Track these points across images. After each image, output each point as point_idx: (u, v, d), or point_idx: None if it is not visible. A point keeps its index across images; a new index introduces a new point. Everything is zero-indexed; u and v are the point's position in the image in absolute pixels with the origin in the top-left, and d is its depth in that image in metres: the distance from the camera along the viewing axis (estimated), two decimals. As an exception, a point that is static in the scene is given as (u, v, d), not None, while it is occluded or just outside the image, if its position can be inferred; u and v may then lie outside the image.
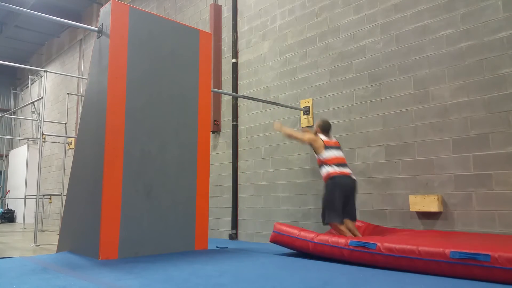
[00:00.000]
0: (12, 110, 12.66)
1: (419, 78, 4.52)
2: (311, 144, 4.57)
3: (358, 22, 5.17)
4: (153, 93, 4.41)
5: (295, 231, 4.09)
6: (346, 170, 4.37)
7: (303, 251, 3.98)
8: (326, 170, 4.35)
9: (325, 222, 4.32)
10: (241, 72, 6.80)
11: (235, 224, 6.42)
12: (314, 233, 4.00)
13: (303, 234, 4.00)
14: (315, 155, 4.59)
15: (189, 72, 4.78)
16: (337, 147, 4.60)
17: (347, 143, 5.11)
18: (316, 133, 4.66)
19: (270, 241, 4.35)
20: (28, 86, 14.22)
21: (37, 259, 3.82)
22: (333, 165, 4.33)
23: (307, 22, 5.80)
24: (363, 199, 4.86)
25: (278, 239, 4.24)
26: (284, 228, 4.22)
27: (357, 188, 4.47)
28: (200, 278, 2.90)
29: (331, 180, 4.28)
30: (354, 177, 4.40)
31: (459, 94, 4.21)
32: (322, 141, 4.49)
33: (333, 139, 4.67)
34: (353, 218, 4.35)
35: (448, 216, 4.15)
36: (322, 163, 4.41)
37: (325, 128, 4.64)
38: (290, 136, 4.90)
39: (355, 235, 4.17)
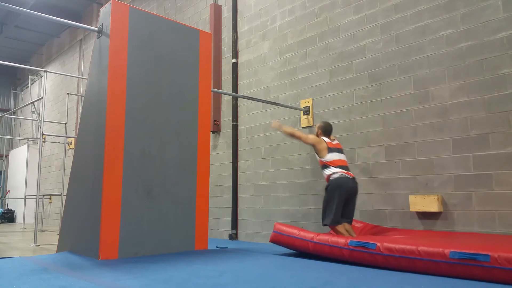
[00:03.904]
0: (12, 110, 12.65)
1: (419, 78, 4.52)
2: (314, 146, 4.53)
3: (358, 22, 5.17)
4: (153, 93, 4.41)
5: (295, 231, 4.10)
6: (349, 172, 4.39)
7: (303, 251, 3.99)
8: (330, 171, 4.34)
9: (323, 223, 4.32)
10: (241, 72, 6.80)
11: (235, 224, 6.42)
12: (313, 233, 4.00)
13: (303, 234, 4.01)
14: (317, 157, 4.56)
15: (189, 72, 4.78)
16: (339, 149, 4.59)
17: (347, 143, 5.11)
18: (317, 135, 4.64)
19: (270, 241, 4.35)
20: (28, 86, 14.22)
21: (37, 259, 3.82)
22: (336, 167, 4.33)
23: (307, 22, 5.80)
24: (363, 199, 4.86)
25: (278, 239, 4.24)
26: (284, 228, 4.23)
27: (357, 190, 4.44)
28: (200, 278, 2.90)
29: (334, 181, 4.27)
30: (355, 180, 4.39)
31: (459, 94, 4.21)
32: (326, 143, 4.48)
33: (335, 141, 4.66)
34: (350, 221, 4.35)
35: (448, 216, 4.15)
36: (325, 165, 4.40)
37: (327, 130, 4.63)
38: (292, 135, 4.72)
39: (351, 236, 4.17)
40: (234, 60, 6.86)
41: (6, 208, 13.87)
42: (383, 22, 4.91)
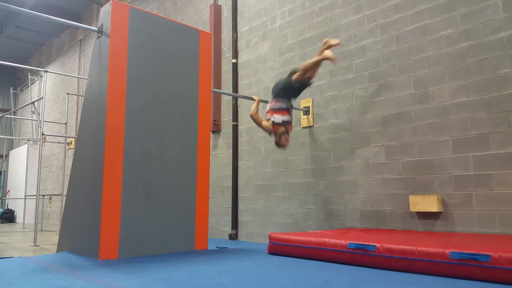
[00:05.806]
0: (12, 110, 12.64)
1: (419, 78, 4.52)
2: (266, 131, 4.66)
3: (358, 22, 5.17)
4: (153, 93, 4.41)
5: (291, 238, 3.95)
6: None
7: (303, 258, 3.90)
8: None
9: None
10: (241, 72, 6.80)
11: (235, 224, 6.41)
12: (310, 234, 3.93)
13: (300, 239, 3.86)
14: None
15: (189, 72, 4.78)
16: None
17: (347, 143, 5.11)
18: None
19: (268, 253, 4.19)
20: (28, 86, 14.23)
21: (37, 259, 3.82)
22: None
23: (307, 22, 5.80)
24: (363, 199, 4.87)
25: (275, 250, 4.10)
26: (280, 236, 4.09)
27: None
28: (200, 278, 2.91)
29: None
30: None
31: (459, 94, 4.21)
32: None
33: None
34: None
35: (448, 216, 4.14)
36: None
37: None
38: (253, 114, 4.73)
39: None
40: (234, 60, 6.85)
41: (6, 208, 13.87)
42: (383, 22, 4.91)
